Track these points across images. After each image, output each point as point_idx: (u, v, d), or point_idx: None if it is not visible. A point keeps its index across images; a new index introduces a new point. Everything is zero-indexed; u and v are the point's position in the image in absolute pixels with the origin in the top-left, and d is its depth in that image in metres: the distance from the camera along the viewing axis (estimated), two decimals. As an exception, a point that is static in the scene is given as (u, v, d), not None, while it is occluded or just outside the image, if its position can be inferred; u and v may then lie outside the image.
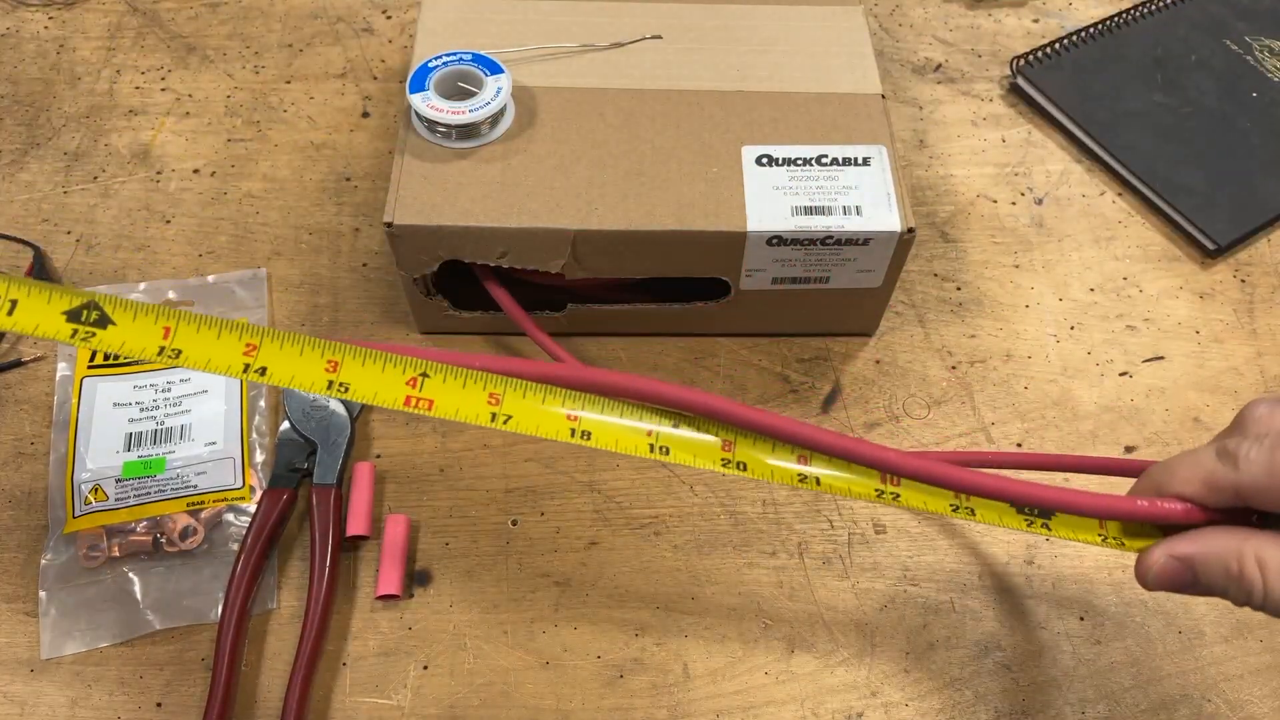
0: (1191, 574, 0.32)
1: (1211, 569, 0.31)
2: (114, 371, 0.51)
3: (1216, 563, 0.31)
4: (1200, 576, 0.31)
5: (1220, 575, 0.31)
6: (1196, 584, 0.32)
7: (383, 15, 0.70)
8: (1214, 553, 0.31)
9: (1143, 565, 0.33)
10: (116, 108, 0.64)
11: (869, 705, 0.45)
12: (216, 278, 0.56)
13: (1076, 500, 0.34)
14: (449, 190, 0.48)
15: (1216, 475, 0.31)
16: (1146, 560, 0.33)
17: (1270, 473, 0.30)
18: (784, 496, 0.50)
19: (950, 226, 0.61)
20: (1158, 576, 0.32)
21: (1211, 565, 0.31)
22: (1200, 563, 0.31)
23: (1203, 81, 0.67)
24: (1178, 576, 0.32)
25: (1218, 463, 0.31)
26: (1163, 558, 0.32)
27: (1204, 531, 0.32)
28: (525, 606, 0.47)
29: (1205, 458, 0.32)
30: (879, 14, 0.72)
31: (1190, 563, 0.32)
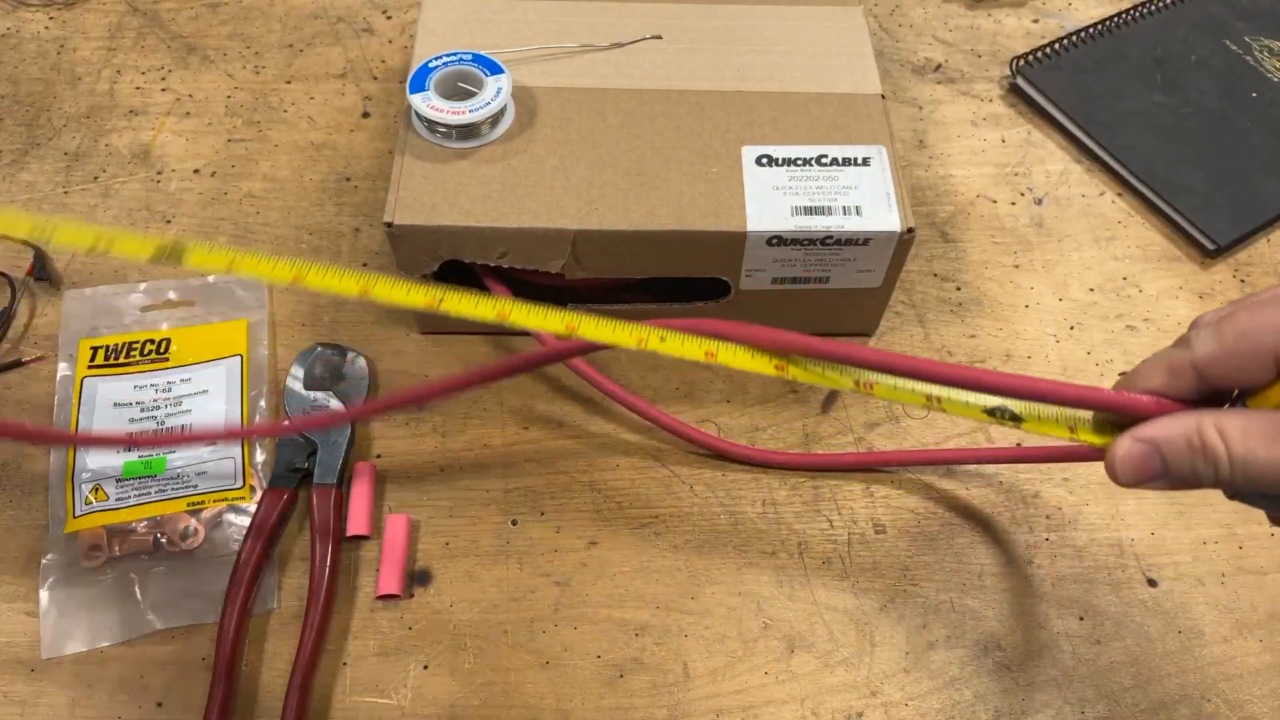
0: (1159, 458, 0.32)
1: (1176, 448, 0.31)
2: (114, 371, 0.51)
3: (1180, 440, 0.31)
4: (1167, 458, 0.32)
5: (1185, 452, 0.31)
6: (1166, 470, 0.32)
7: (383, 15, 0.70)
8: (1177, 431, 0.31)
9: (1111, 457, 0.33)
10: (117, 108, 0.64)
11: (869, 705, 0.45)
12: (217, 278, 0.56)
13: (1043, 388, 0.34)
14: (449, 190, 0.48)
15: (1174, 359, 0.32)
16: (1114, 450, 0.33)
17: (1220, 342, 0.31)
18: (784, 496, 0.50)
19: (950, 226, 0.61)
20: (1123, 461, 0.32)
21: (1176, 444, 0.31)
22: (1165, 443, 0.32)
23: (1203, 81, 0.67)
24: (1145, 462, 0.32)
25: (1175, 349, 0.32)
26: (1128, 442, 0.32)
27: (1168, 415, 0.32)
28: (525, 606, 0.47)
29: (1165, 350, 0.33)
30: (879, 14, 0.72)
31: (1155, 445, 0.32)
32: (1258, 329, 0.30)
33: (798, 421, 0.53)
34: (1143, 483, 0.32)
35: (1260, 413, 0.31)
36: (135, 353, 0.52)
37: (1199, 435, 0.31)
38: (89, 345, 0.52)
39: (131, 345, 0.52)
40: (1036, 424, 0.35)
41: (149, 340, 0.52)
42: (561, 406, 0.53)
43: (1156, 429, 0.32)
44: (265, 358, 0.53)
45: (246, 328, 0.53)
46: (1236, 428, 0.30)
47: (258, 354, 0.53)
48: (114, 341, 0.52)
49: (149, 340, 0.52)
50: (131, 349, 0.52)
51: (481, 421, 0.52)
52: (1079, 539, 0.50)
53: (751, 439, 0.52)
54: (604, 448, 0.51)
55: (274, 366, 0.53)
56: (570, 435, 0.52)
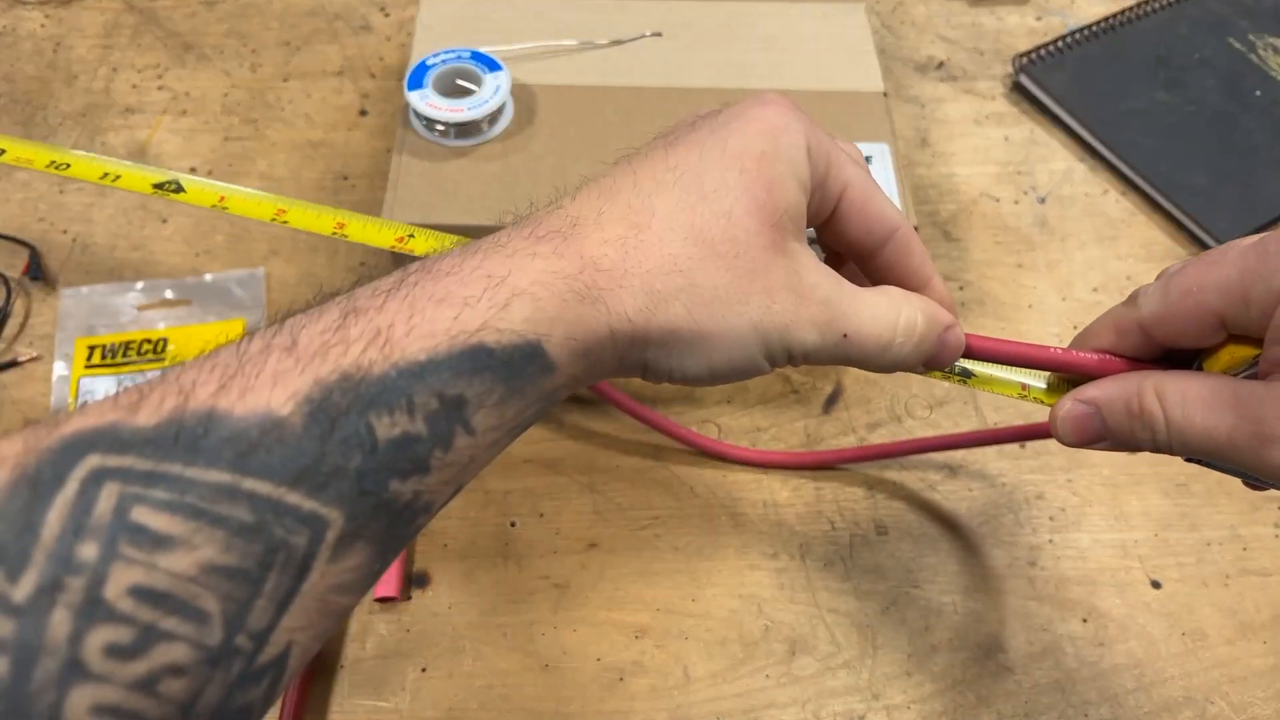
0: (1100, 419, 0.31)
1: (1115, 410, 0.31)
2: (111, 371, 0.51)
3: (1119, 403, 0.31)
4: (1108, 420, 0.31)
5: (1124, 416, 0.30)
6: (1107, 430, 0.31)
7: (381, 13, 0.70)
8: (1117, 393, 0.31)
9: (1053, 416, 0.32)
10: (113, 106, 0.64)
11: (871, 708, 0.44)
12: (214, 276, 0.55)
13: (991, 347, 0.33)
14: (447, 189, 0.48)
15: (1121, 317, 0.32)
16: (1056, 410, 0.32)
17: (1165, 301, 0.30)
18: (785, 498, 0.50)
19: (953, 225, 0.60)
20: (1064, 421, 0.32)
21: (1115, 407, 0.31)
22: (1105, 404, 0.31)
23: (1206, 80, 0.66)
24: (1086, 422, 0.32)
25: (1123, 307, 0.32)
26: (1069, 402, 0.32)
27: (1114, 376, 0.32)
28: (524, 608, 0.46)
29: (1115, 308, 0.32)
30: (881, 11, 0.72)
31: (1095, 405, 0.31)
32: (1202, 288, 0.29)
33: (799, 422, 0.52)
34: (1086, 443, 0.32)
35: (1204, 377, 0.29)
36: (132, 352, 0.51)
37: (1138, 399, 0.30)
38: (86, 345, 0.51)
39: (129, 345, 0.52)
40: (987, 383, 0.35)
41: (146, 340, 0.52)
42: (560, 407, 0.52)
43: (1099, 390, 0.32)
44: None
45: (244, 327, 0.53)
46: (1176, 392, 0.29)
47: None
48: (111, 341, 0.52)
49: (146, 340, 0.52)
50: (129, 348, 0.51)
51: (480, 422, 0.52)
52: (1082, 541, 0.49)
53: (753, 439, 0.51)
54: (604, 448, 0.51)
55: None
56: (569, 436, 0.51)
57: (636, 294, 0.28)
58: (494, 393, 0.26)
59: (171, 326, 0.53)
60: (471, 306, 0.26)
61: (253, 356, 0.24)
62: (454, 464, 0.26)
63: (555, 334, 0.27)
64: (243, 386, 0.24)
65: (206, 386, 0.24)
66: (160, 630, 0.22)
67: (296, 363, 0.24)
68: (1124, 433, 0.31)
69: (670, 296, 0.28)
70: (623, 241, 0.28)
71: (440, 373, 0.25)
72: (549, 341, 0.26)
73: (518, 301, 0.26)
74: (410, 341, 0.25)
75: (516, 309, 0.26)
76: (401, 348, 0.25)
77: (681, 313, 0.28)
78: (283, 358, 0.24)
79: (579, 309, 0.27)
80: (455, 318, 0.26)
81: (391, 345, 0.25)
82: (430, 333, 0.25)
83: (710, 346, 0.29)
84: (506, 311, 0.26)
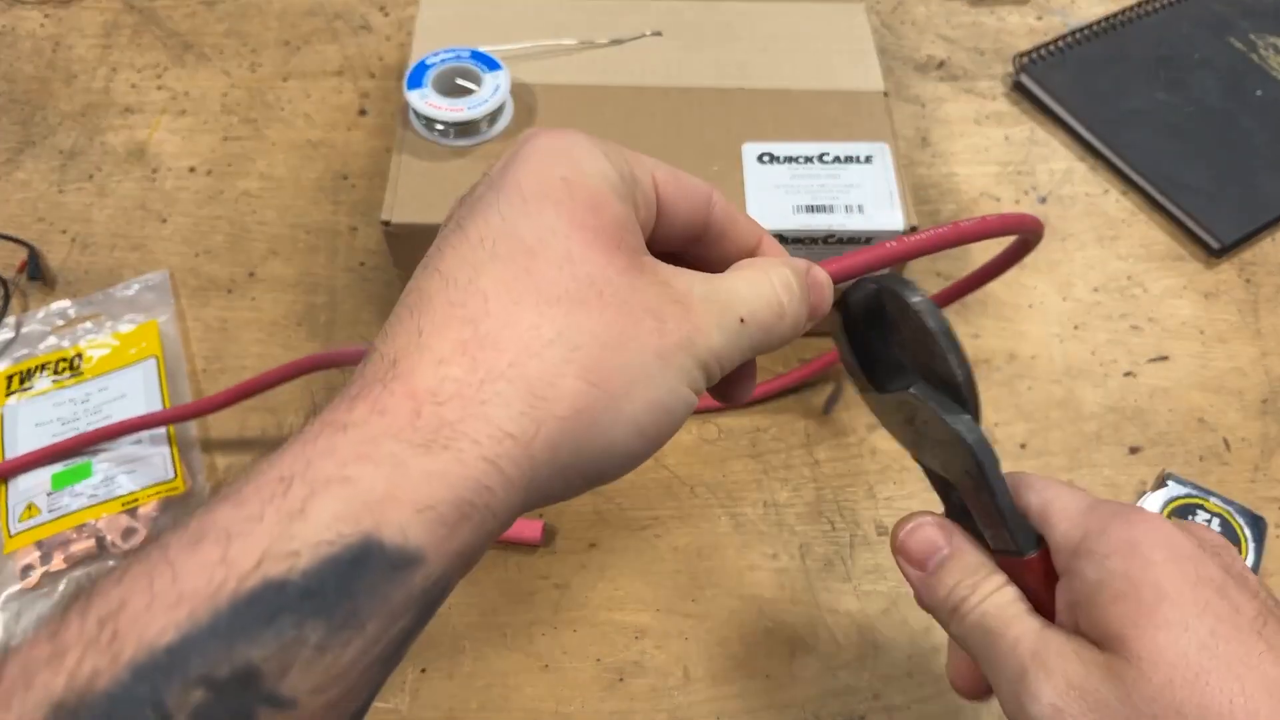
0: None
1: None
2: (32, 394, 0.51)
3: None
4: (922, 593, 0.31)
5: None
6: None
7: (380, 12, 0.69)
8: None
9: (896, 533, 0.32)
10: (112, 106, 0.64)
11: (871, 709, 0.44)
12: (116, 287, 0.55)
13: (845, 264, 0.30)
14: (447, 188, 0.48)
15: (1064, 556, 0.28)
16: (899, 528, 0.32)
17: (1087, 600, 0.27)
18: (785, 498, 0.50)
19: (953, 225, 0.60)
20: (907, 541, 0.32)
21: None
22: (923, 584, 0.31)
23: (1206, 80, 0.66)
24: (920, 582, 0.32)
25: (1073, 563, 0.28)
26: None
27: None
28: (524, 609, 0.46)
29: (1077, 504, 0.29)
30: (881, 11, 0.72)
31: None
32: None
33: (799, 422, 0.52)
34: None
35: None
36: (49, 371, 0.51)
37: None
38: (3, 375, 0.52)
39: (44, 365, 0.52)
40: None
41: (61, 359, 0.52)
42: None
43: None
44: (181, 353, 0.53)
45: (158, 328, 0.53)
46: None
47: (172, 351, 0.53)
48: (26, 367, 0.52)
49: (61, 359, 0.52)
50: (44, 368, 0.52)
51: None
52: (1083, 541, 0.49)
53: (753, 440, 0.51)
54: (604, 448, 0.51)
55: (191, 358, 0.53)
56: (569, 436, 0.51)
57: (507, 400, 0.22)
58: (310, 637, 0.19)
59: (81, 342, 0.53)
60: (246, 534, 0.19)
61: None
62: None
63: (395, 516, 0.20)
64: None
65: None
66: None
67: (5, 708, 0.18)
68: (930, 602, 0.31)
69: (554, 375, 0.23)
70: (463, 350, 0.22)
71: (205, 649, 0.19)
72: (388, 529, 0.20)
73: (320, 498, 0.20)
74: (150, 620, 0.19)
75: (319, 509, 0.20)
76: (137, 635, 0.18)
77: (577, 385, 0.23)
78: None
79: (425, 466, 0.21)
80: (221, 559, 0.19)
81: (121, 638, 0.19)
82: (180, 596, 0.19)
83: (627, 403, 0.24)
84: (303, 520, 0.20)
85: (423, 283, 0.25)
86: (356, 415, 0.22)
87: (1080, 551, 0.27)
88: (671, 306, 0.25)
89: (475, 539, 0.22)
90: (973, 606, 0.29)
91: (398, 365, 0.23)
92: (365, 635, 0.20)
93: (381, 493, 0.20)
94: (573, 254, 0.24)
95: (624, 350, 0.24)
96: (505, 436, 0.22)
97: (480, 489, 0.21)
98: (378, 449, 0.21)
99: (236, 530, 0.20)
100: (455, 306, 0.23)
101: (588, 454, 0.24)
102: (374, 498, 0.20)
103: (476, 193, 0.26)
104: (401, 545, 0.20)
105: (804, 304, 0.28)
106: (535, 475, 0.23)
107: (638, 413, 0.24)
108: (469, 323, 0.23)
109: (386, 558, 0.20)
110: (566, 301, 0.23)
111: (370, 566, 0.20)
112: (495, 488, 0.22)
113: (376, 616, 0.20)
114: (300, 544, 0.19)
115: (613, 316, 0.24)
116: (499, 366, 0.22)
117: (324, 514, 0.20)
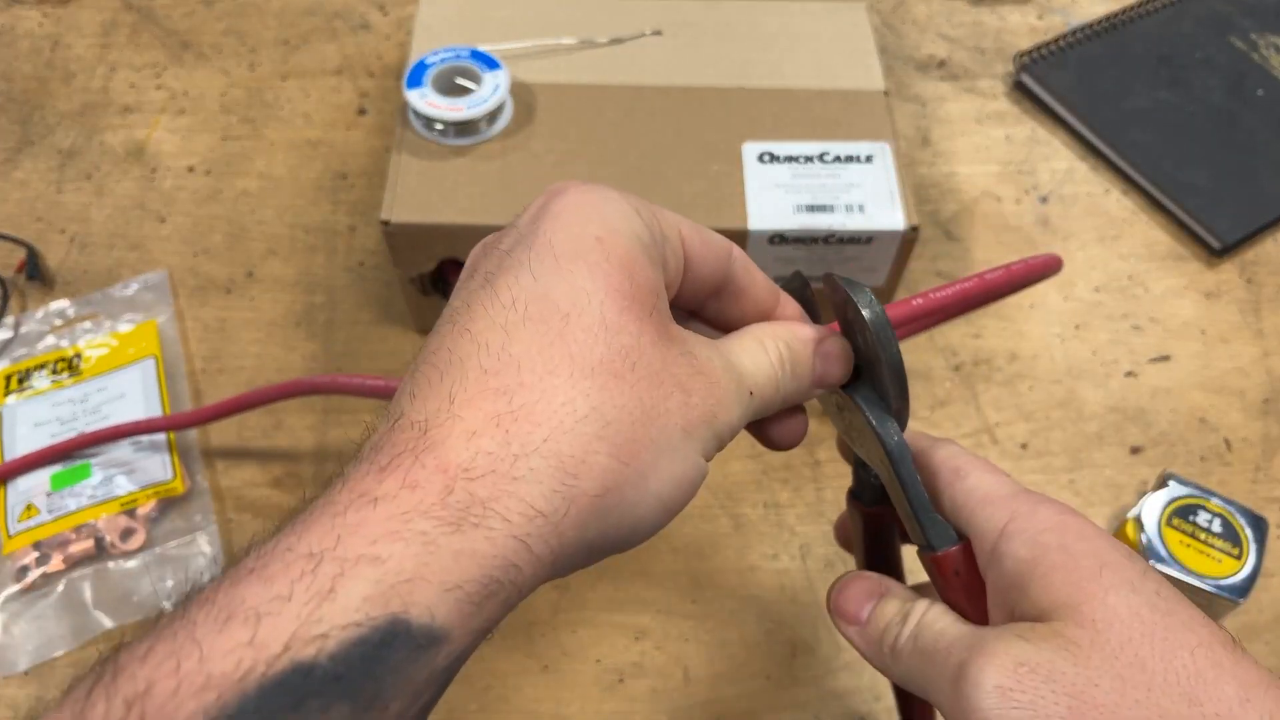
0: None
1: None
2: (31, 394, 0.51)
3: None
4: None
5: None
6: None
7: (379, 11, 0.69)
8: None
9: None
10: (111, 105, 0.64)
11: (872, 710, 0.44)
12: (116, 287, 0.55)
13: (901, 313, 0.31)
14: (446, 188, 0.48)
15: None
16: None
17: None
18: (786, 499, 0.50)
19: (954, 225, 0.60)
20: None
21: None
22: None
23: (1208, 79, 0.66)
24: None
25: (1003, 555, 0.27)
26: None
27: None
28: (523, 609, 0.46)
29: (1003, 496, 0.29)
30: (882, 10, 0.71)
31: None
32: None
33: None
34: None
35: None
36: (47, 371, 0.51)
37: None
38: (1, 375, 0.51)
39: (42, 365, 0.51)
40: None
41: (60, 359, 0.52)
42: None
43: None
44: (180, 353, 0.53)
45: (156, 328, 0.53)
46: None
47: (171, 351, 0.53)
48: (25, 367, 0.52)
49: (60, 359, 0.52)
50: (43, 368, 0.51)
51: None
52: (1085, 541, 0.49)
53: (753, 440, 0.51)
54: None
55: (190, 358, 0.53)
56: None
57: (540, 478, 0.22)
58: (335, 718, 0.19)
59: (81, 341, 0.53)
60: (275, 614, 0.19)
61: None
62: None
63: (422, 597, 0.20)
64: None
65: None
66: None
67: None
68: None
69: (587, 454, 0.22)
70: (496, 423, 0.22)
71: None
72: (415, 610, 0.20)
73: (349, 578, 0.20)
74: (179, 706, 0.18)
75: (347, 590, 0.19)
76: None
77: (608, 463, 0.23)
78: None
79: (455, 545, 0.21)
80: (249, 641, 0.19)
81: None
82: (208, 680, 0.18)
83: (654, 479, 0.24)
84: (331, 601, 0.19)
85: (450, 343, 0.24)
86: (387, 488, 0.21)
87: (1008, 533, 0.27)
88: (697, 379, 0.25)
89: (499, 614, 0.22)
90: (906, 635, 0.28)
91: (429, 434, 0.22)
92: (389, 713, 0.20)
93: (410, 573, 0.20)
94: (607, 321, 0.24)
95: (652, 425, 0.24)
96: (537, 515, 0.22)
97: (509, 567, 0.21)
98: (408, 526, 0.20)
99: (265, 610, 0.19)
100: (488, 375, 0.23)
101: (613, 529, 0.23)
102: (403, 578, 0.20)
103: (504, 246, 0.25)
104: (428, 625, 0.20)
105: (804, 379, 0.29)
106: (562, 550, 0.22)
107: (662, 487, 0.24)
108: (503, 394, 0.22)
109: (413, 639, 0.20)
110: (601, 374, 0.23)
111: (396, 648, 0.20)
112: (523, 565, 0.22)
113: (401, 696, 0.20)
114: (329, 626, 0.19)
115: (644, 390, 0.24)
116: (533, 442, 0.22)
117: (353, 595, 0.19)
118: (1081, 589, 0.25)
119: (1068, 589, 0.25)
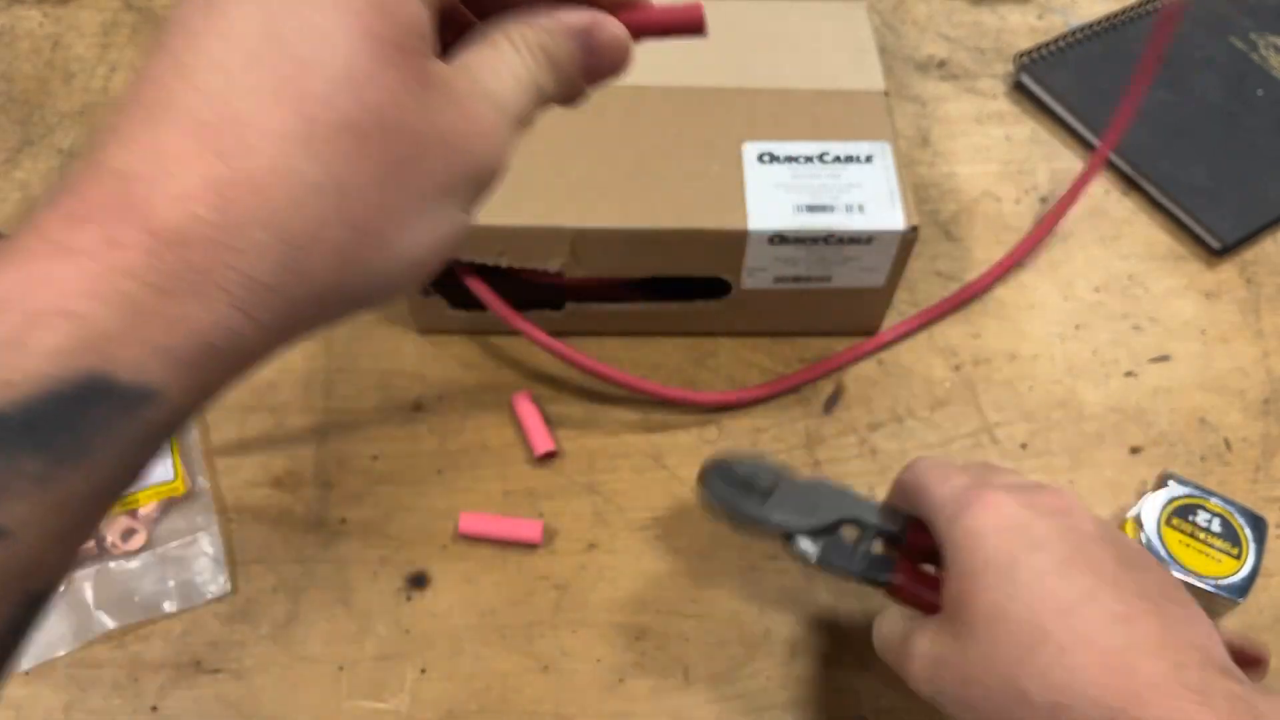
0: None
1: None
2: None
3: None
4: None
5: None
6: None
7: (380, 12, 0.69)
8: None
9: None
10: (111, 105, 0.64)
11: (872, 710, 0.44)
12: None
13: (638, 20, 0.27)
14: (447, 188, 0.48)
15: None
16: None
17: None
18: (786, 498, 0.50)
19: (954, 225, 0.60)
20: None
21: None
22: None
23: (1208, 79, 0.66)
24: None
25: None
26: None
27: None
28: (524, 610, 0.46)
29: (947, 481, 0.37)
30: (882, 10, 0.71)
31: None
32: None
33: (799, 422, 0.52)
34: None
35: None
36: None
37: None
38: None
39: None
40: None
41: None
42: (560, 408, 0.52)
43: None
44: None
45: None
46: None
47: None
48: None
49: None
50: None
51: (479, 423, 0.51)
52: (1084, 541, 0.49)
53: (753, 440, 0.51)
54: (603, 449, 0.51)
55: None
56: (568, 437, 0.51)
57: (265, 253, 0.20)
58: (26, 468, 0.18)
59: None
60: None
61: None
62: None
63: (128, 355, 0.19)
64: None
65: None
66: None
67: None
68: None
69: (321, 227, 0.20)
70: (216, 190, 0.19)
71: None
72: (121, 366, 0.19)
73: (41, 329, 0.18)
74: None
75: (40, 341, 0.18)
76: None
77: (346, 236, 0.21)
78: None
79: (167, 310, 0.19)
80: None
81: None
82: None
83: (403, 245, 0.22)
84: (20, 351, 0.18)
85: (166, 78, 0.20)
86: (84, 240, 0.19)
87: (945, 543, 0.35)
88: (461, 129, 0.22)
89: (222, 375, 0.21)
90: (877, 637, 0.39)
91: (132, 190, 0.19)
92: (95, 469, 0.19)
93: (114, 334, 0.19)
94: (354, 71, 0.20)
95: (405, 190, 0.21)
96: (260, 287, 0.20)
97: (229, 334, 0.20)
98: (110, 287, 0.19)
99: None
100: (204, 127, 0.20)
101: (357, 291, 0.22)
102: (104, 337, 0.19)
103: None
104: (137, 381, 0.19)
105: (573, 82, 0.26)
106: (294, 316, 0.21)
107: (415, 251, 0.22)
108: (221, 157, 0.20)
109: (118, 394, 0.19)
110: (344, 136, 0.20)
111: (97, 403, 0.19)
112: (248, 333, 0.20)
113: (107, 450, 0.19)
114: (18, 375, 0.18)
115: (396, 151, 0.21)
116: (256, 213, 0.20)
117: (45, 346, 0.18)
118: (970, 594, 0.33)
119: (962, 598, 0.33)
